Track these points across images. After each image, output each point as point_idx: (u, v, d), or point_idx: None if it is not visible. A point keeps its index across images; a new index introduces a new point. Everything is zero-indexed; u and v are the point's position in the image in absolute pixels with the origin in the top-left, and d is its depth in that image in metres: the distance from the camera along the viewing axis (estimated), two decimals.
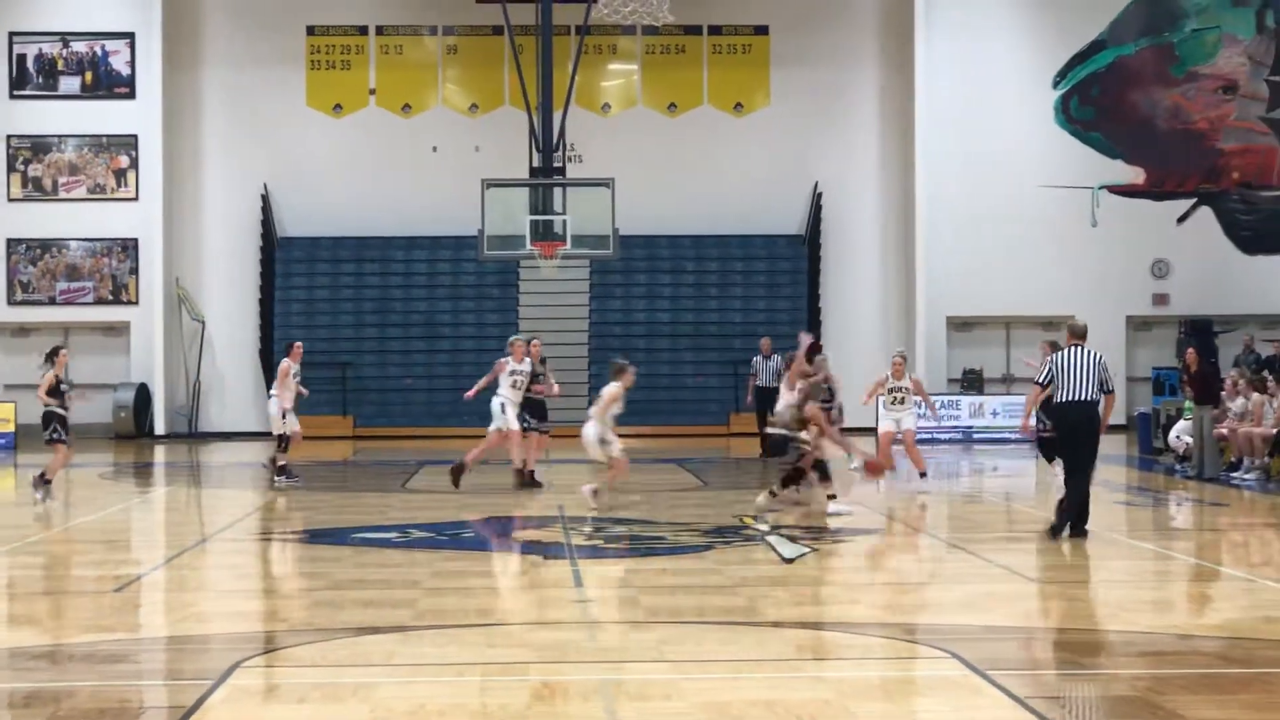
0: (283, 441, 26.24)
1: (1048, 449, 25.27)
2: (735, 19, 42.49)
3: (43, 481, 23.22)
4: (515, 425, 24.71)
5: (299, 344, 27.00)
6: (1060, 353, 18.69)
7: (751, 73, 42.54)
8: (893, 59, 42.14)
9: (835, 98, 42.40)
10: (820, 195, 41.92)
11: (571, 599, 14.60)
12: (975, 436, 37.61)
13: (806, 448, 21.67)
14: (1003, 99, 41.89)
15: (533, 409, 25.35)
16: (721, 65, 42.56)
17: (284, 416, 26.23)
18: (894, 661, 11.96)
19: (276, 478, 25.95)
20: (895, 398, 27.00)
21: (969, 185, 41.54)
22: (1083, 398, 18.21)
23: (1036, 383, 19.39)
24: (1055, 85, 41.85)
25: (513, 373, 24.86)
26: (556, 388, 26.15)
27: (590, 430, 21.97)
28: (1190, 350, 28.90)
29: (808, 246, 42.18)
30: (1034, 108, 41.81)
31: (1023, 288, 41.70)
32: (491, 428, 24.95)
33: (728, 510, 21.82)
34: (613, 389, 22.07)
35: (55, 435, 23.89)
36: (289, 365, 26.25)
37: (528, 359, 25.06)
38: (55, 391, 24.04)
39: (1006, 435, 36.45)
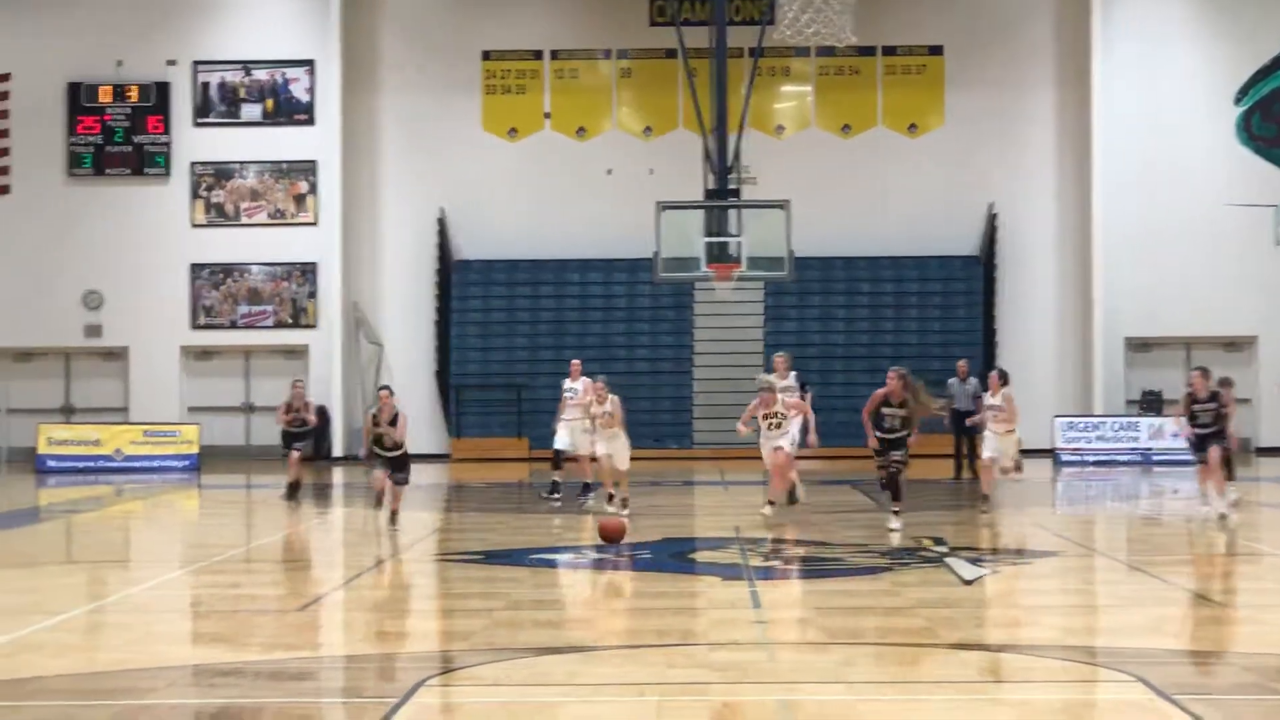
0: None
1: None
2: (909, 39, 42.30)
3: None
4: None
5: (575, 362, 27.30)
6: None
7: (925, 93, 42.32)
8: (1069, 77, 41.75)
9: (1010, 117, 42.07)
10: (995, 215, 41.61)
11: (750, 620, 14.58)
12: (1154, 459, 37.11)
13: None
14: (1182, 116, 41.35)
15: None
16: (895, 86, 42.39)
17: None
18: (1077, 685, 11.82)
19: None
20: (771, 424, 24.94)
21: (1147, 204, 41.05)
22: None
23: None
24: (1237, 102, 41.16)
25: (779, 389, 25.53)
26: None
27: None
28: None
29: (983, 267, 41.88)
30: (1214, 125, 41.19)
31: (1203, 307, 41.09)
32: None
33: (905, 532, 21.68)
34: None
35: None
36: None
37: (792, 374, 25.99)
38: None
39: (1187, 457, 35.93)
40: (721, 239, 33.31)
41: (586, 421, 25.05)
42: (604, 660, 12.47)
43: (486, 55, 42.53)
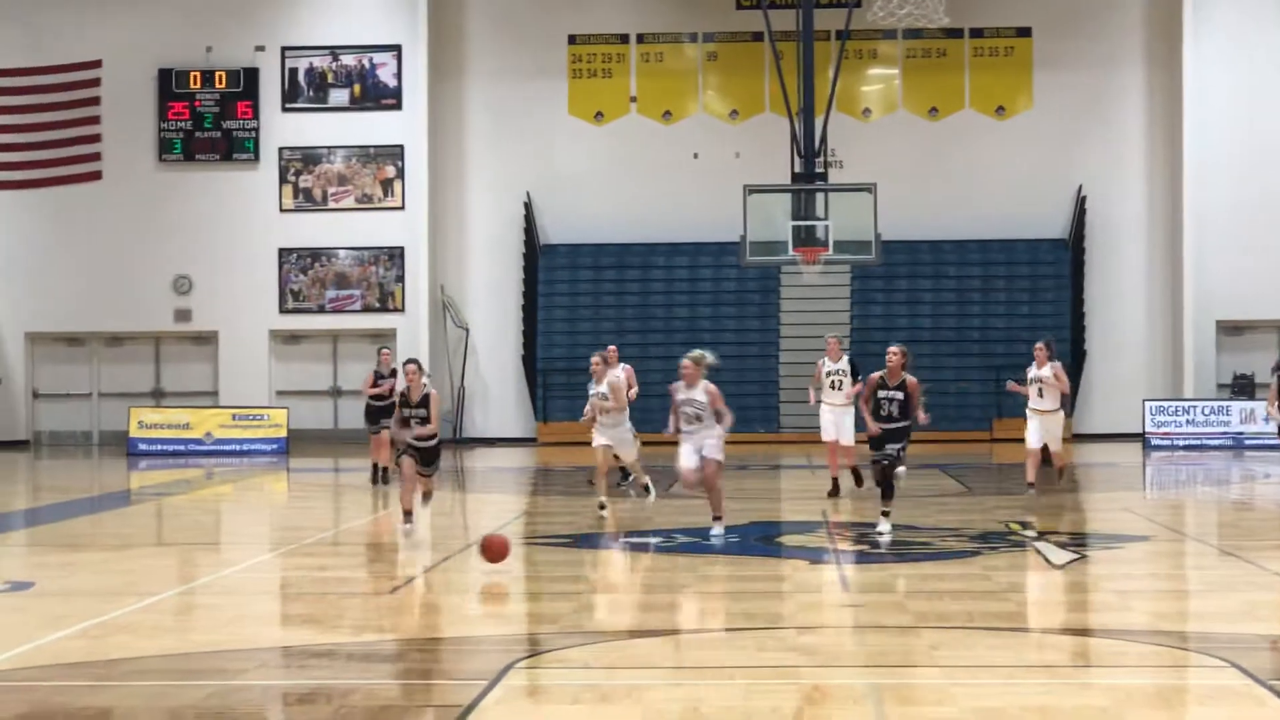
0: None
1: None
2: (997, 21, 42.05)
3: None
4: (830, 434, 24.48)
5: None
6: None
7: (1014, 75, 42.07)
8: (1159, 59, 41.40)
9: (1100, 99, 41.76)
10: (1084, 198, 41.33)
11: (839, 603, 14.56)
12: (1246, 443, 36.81)
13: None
14: (1275, 95, 40.89)
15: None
16: (983, 68, 42.16)
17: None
18: (1170, 670, 11.75)
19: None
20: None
21: (1239, 186, 40.62)
22: None
23: None
24: None
25: (829, 373, 24.57)
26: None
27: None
28: None
29: (1071, 250, 41.61)
30: None
31: None
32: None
33: (993, 516, 21.59)
34: None
35: None
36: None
37: (845, 357, 24.76)
38: None
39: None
40: (808, 222, 33.27)
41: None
42: (693, 644, 12.48)
43: (572, 39, 42.57)
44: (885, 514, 19.34)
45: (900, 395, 19.23)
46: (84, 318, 42.33)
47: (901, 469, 20.00)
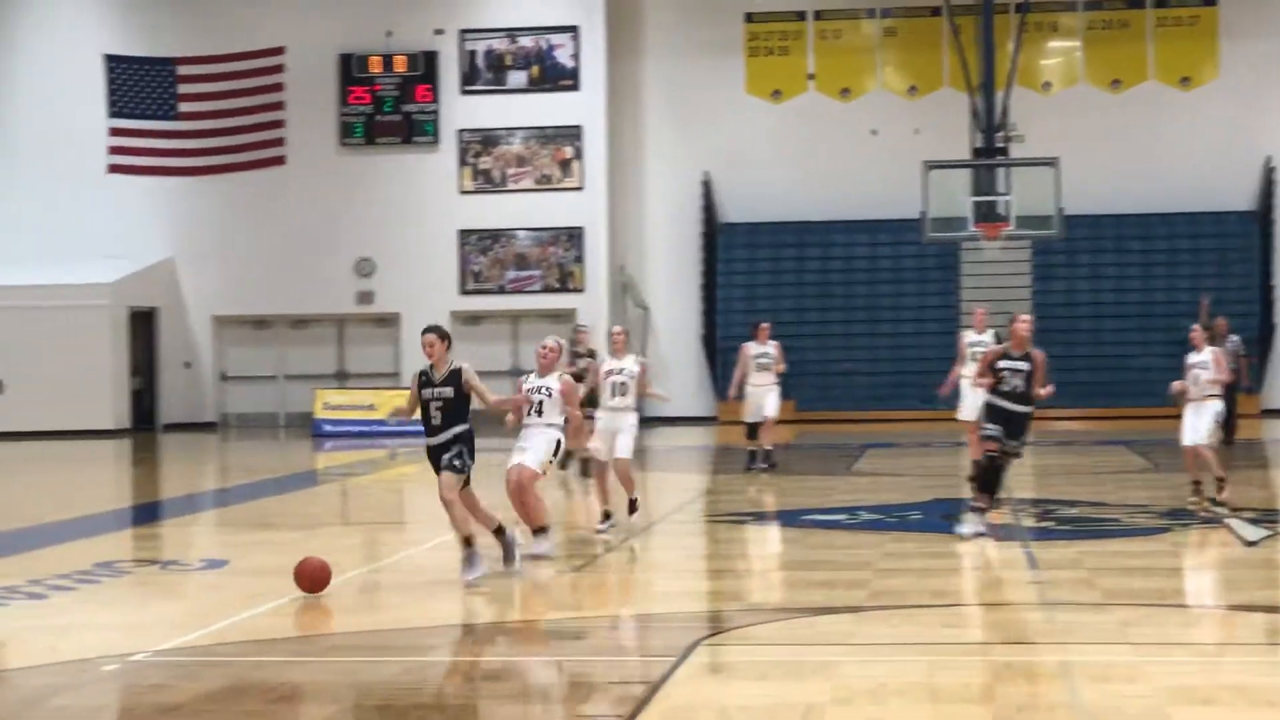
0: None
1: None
2: None
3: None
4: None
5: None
6: None
7: (1199, 45, 41.38)
8: None
9: None
10: (1273, 169, 40.60)
11: (1026, 580, 14.44)
12: None
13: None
14: None
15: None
16: (1167, 39, 41.51)
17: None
18: None
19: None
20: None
21: None
22: None
23: None
24: None
25: (970, 344, 23.33)
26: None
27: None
28: None
29: (1259, 222, 40.90)
30: None
31: None
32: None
33: (1182, 492, 21.26)
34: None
35: None
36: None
37: (991, 330, 23.60)
38: None
39: None
40: (989, 198, 33.03)
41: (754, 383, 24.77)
42: (880, 620, 12.42)
43: (749, 18, 42.47)
44: (978, 510, 16.92)
45: (1026, 366, 16.65)
46: (269, 301, 42.91)
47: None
